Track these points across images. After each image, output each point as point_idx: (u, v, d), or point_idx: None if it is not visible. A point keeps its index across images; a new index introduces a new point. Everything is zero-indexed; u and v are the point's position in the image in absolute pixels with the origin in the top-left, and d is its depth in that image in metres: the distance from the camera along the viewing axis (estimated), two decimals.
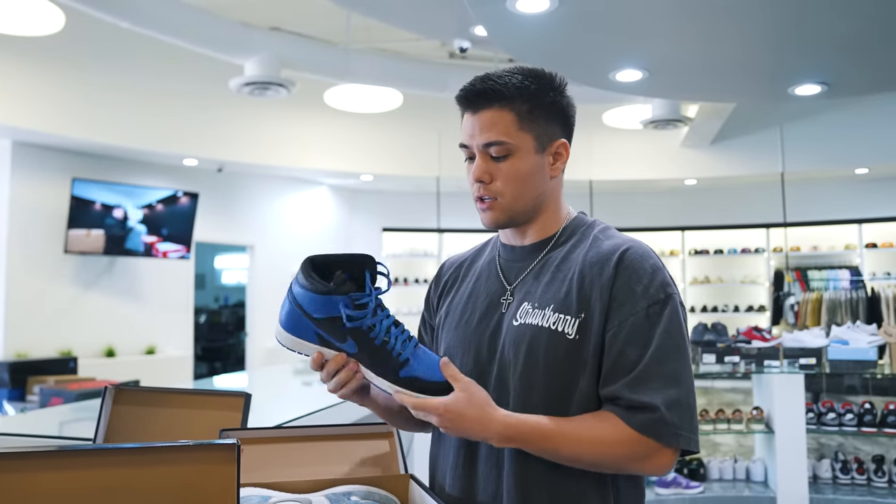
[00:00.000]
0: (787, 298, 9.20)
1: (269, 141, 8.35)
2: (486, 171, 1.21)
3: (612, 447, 1.12)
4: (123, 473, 1.00)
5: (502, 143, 1.19)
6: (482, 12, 3.73)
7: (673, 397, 1.11)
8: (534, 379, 1.18)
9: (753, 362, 4.30)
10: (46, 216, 7.04)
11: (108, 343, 7.49)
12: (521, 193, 1.22)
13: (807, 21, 3.85)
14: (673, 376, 1.12)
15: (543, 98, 1.22)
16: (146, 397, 1.71)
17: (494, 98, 1.20)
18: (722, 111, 7.64)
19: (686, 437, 1.12)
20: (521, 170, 1.21)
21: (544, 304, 1.20)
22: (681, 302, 1.18)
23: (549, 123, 1.24)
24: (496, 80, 1.20)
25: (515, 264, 1.29)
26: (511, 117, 1.20)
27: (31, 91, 6.53)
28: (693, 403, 1.14)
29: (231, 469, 1.02)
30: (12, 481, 0.96)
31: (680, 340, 1.15)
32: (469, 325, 1.28)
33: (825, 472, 4.30)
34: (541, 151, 1.23)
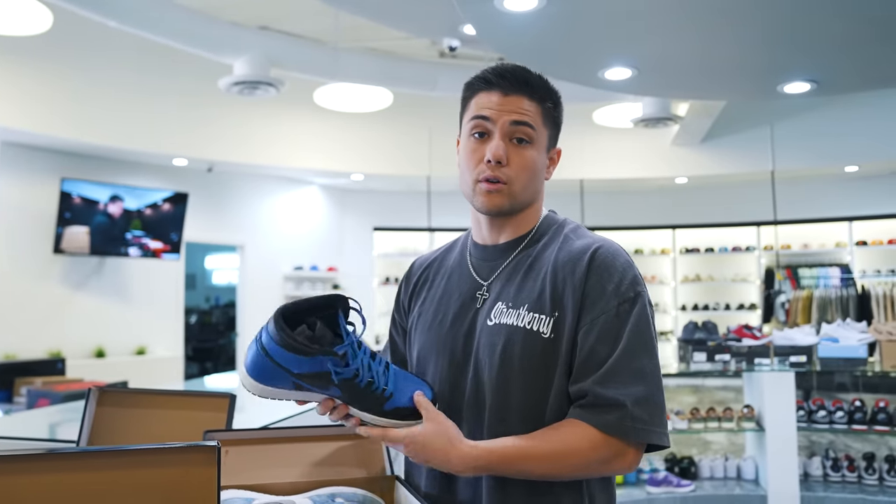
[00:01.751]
0: (777, 296, 9.23)
1: (259, 140, 8.32)
2: (506, 154, 1.20)
3: (582, 455, 1.11)
4: (105, 476, 0.99)
5: (532, 127, 1.21)
6: (470, 11, 3.72)
7: (641, 394, 1.12)
8: (510, 378, 1.17)
9: (744, 360, 4.31)
10: (35, 216, 6.99)
11: (97, 344, 7.45)
12: (528, 183, 1.23)
13: (796, 19, 3.86)
14: (641, 373, 1.13)
15: (559, 105, 1.29)
16: (131, 399, 1.69)
17: (530, 87, 1.22)
18: (712, 109, 7.66)
19: (655, 431, 1.12)
20: (536, 161, 1.23)
21: (519, 304, 1.20)
22: (648, 300, 1.20)
23: (556, 129, 1.29)
24: (532, 75, 1.24)
25: (488, 263, 1.29)
26: (539, 110, 1.23)
27: (19, 91, 6.48)
28: (661, 400, 1.14)
29: (211, 471, 1.01)
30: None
31: (648, 338, 1.16)
32: (442, 327, 1.27)
33: (816, 470, 4.31)
34: (547, 151, 1.28)
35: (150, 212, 7.76)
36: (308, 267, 9.61)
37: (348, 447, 1.48)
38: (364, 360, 1.11)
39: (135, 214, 7.66)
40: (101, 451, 1.01)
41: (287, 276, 9.46)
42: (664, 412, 1.14)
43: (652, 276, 10.37)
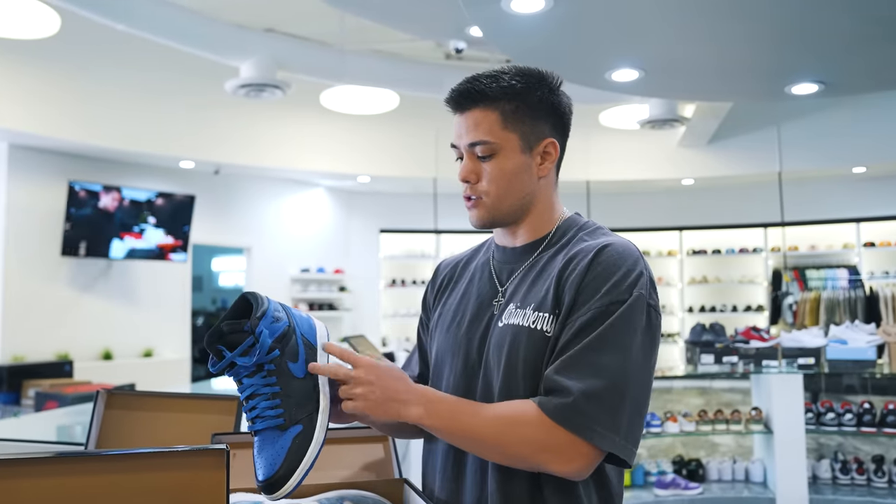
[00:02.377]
0: (785, 298, 9.19)
1: (266, 142, 8.34)
2: (473, 171, 1.21)
3: (520, 429, 1.07)
4: (114, 479, 0.99)
5: (486, 143, 1.19)
6: (477, 13, 3.72)
7: (594, 388, 1.05)
8: (515, 378, 1.16)
9: (752, 362, 4.30)
10: (43, 219, 7.02)
11: (104, 346, 7.47)
12: (505, 193, 1.21)
13: (804, 19, 3.84)
14: (602, 369, 1.06)
15: (530, 97, 1.21)
16: (139, 401, 1.69)
17: (479, 98, 1.19)
18: (719, 111, 7.64)
19: (603, 434, 1.04)
20: (506, 169, 1.20)
21: (526, 304, 1.19)
22: (652, 306, 1.14)
23: (537, 122, 1.22)
24: (482, 80, 1.20)
25: (507, 266, 1.28)
26: (495, 116, 1.19)
27: (27, 94, 6.51)
28: (617, 403, 1.06)
29: (220, 475, 1.01)
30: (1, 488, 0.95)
31: (628, 335, 1.09)
32: (459, 328, 1.27)
33: (825, 473, 4.29)
34: (527, 151, 1.21)
35: (156, 214, 7.77)
36: (314, 269, 9.62)
37: (357, 450, 1.47)
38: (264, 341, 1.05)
39: (142, 217, 7.66)
40: (110, 454, 1.01)
41: (294, 278, 9.48)
42: (622, 417, 1.06)
43: (659, 278, 10.34)
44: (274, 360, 1.06)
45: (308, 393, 1.08)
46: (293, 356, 1.09)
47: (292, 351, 1.09)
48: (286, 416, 1.05)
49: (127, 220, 7.55)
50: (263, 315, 1.07)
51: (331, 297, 9.80)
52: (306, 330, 1.14)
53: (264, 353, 1.05)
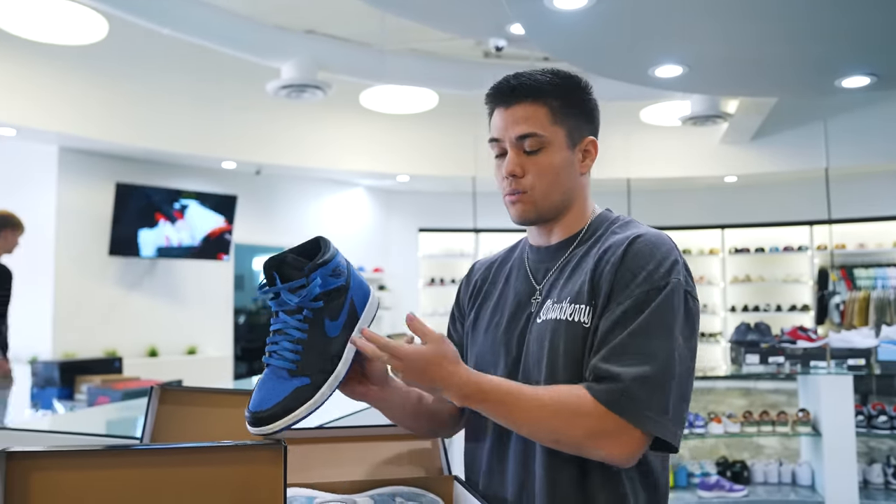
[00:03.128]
0: (831, 297, 8.98)
1: (306, 143, 8.43)
2: (519, 165, 1.22)
3: (571, 415, 1.07)
4: (173, 473, 1.01)
5: (537, 136, 1.20)
6: (519, 10, 3.71)
7: (645, 373, 1.06)
8: (558, 371, 1.16)
9: (799, 363, 4.22)
10: (92, 219, 7.20)
11: (150, 343, 7.63)
12: (552, 188, 1.22)
13: (854, 10, 3.75)
14: (651, 354, 1.07)
15: (573, 95, 1.23)
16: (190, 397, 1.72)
17: (528, 93, 1.21)
18: (763, 106, 7.49)
19: (654, 420, 1.05)
20: (555, 163, 1.21)
21: (563, 298, 1.20)
22: (689, 292, 1.15)
23: (579, 120, 1.24)
24: (528, 76, 1.22)
25: (542, 264, 1.29)
26: (545, 111, 1.20)
27: (76, 98, 6.68)
28: (669, 387, 1.07)
29: (278, 470, 1.03)
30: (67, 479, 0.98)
31: (671, 321, 1.10)
32: (499, 329, 1.29)
33: (877, 478, 4.19)
34: (572, 147, 1.23)
35: (200, 214, 7.91)
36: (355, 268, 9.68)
37: (406, 446, 1.49)
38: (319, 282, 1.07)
39: (186, 217, 7.81)
40: (170, 448, 1.04)
41: None
42: (674, 404, 1.07)
43: (700, 277, 10.19)
44: (315, 309, 1.07)
45: (330, 353, 1.09)
46: (334, 314, 1.10)
47: (336, 309, 1.10)
48: (300, 364, 1.06)
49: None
50: (324, 264, 1.09)
51: None
52: (359, 297, 1.16)
53: (309, 299, 1.06)
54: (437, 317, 10.21)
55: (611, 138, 9.22)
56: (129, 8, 4.94)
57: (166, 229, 7.71)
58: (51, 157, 7.06)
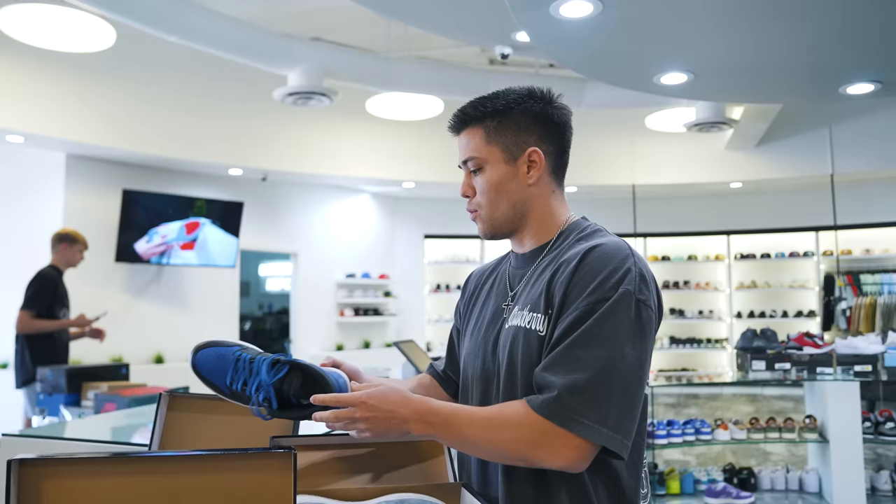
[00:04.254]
0: (838, 303, 8.96)
1: (313, 150, 8.46)
2: (469, 186, 1.36)
3: (512, 428, 1.12)
4: (184, 480, 1.02)
5: (473, 158, 1.32)
6: (525, 18, 3.72)
7: (578, 382, 1.09)
8: (516, 375, 1.25)
9: (805, 369, 4.21)
10: (98, 226, 7.22)
11: (156, 350, 7.64)
12: (495, 203, 1.31)
13: (859, 17, 3.75)
14: (585, 363, 1.10)
15: (511, 112, 1.30)
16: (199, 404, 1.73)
17: (467, 120, 1.34)
18: (768, 112, 7.50)
19: (589, 426, 1.08)
20: (492, 180, 1.31)
21: (524, 306, 1.27)
22: (642, 301, 1.16)
23: (520, 133, 1.30)
24: (469, 106, 1.34)
25: (518, 271, 1.37)
26: (481, 133, 1.31)
27: (83, 105, 6.72)
28: (602, 394, 1.09)
29: (287, 477, 1.03)
30: (79, 486, 0.99)
31: (611, 332, 1.12)
32: (479, 333, 1.38)
33: (884, 485, 4.17)
34: (511, 161, 1.30)
35: (206, 221, 7.93)
36: (360, 274, 9.71)
37: (413, 454, 1.49)
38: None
39: (192, 223, 7.84)
40: (180, 455, 1.04)
41: (339, 284, 9.58)
42: (608, 410, 1.09)
43: (706, 283, 10.18)
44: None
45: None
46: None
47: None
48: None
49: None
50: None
51: (376, 302, 9.87)
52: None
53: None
54: (442, 323, 10.22)
55: (616, 145, 9.23)
56: (136, 16, 4.97)
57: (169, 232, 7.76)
58: (58, 164, 7.10)
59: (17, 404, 5.55)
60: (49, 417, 3.68)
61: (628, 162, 9.15)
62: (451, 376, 1.54)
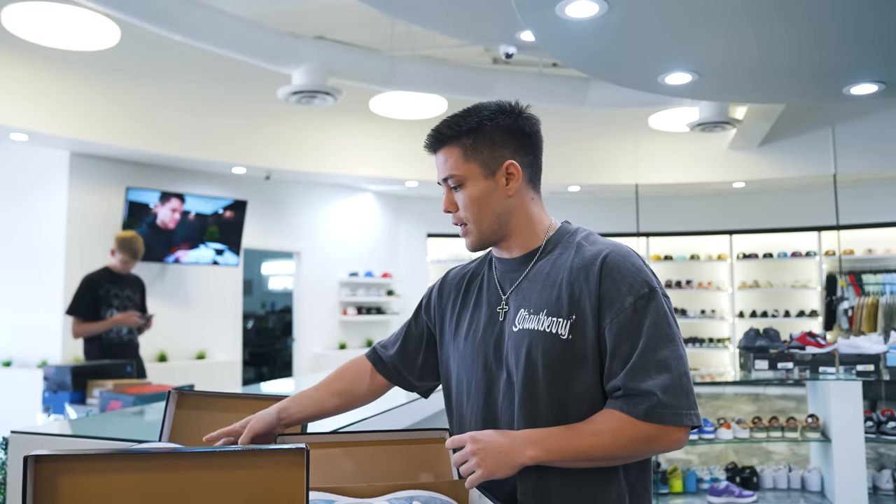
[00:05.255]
0: (840, 303, 8.96)
1: (316, 148, 8.47)
2: (451, 202, 1.40)
3: (625, 437, 1.22)
4: (197, 476, 1.03)
5: (453, 176, 1.37)
6: (531, 18, 3.73)
7: (667, 382, 1.22)
8: (536, 377, 1.30)
9: (808, 368, 4.22)
10: (102, 223, 7.24)
11: (160, 348, 7.66)
12: (480, 216, 1.37)
13: (863, 18, 3.76)
14: (665, 363, 1.23)
15: (484, 128, 1.36)
16: (206, 401, 1.75)
17: (443, 140, 1.39)
18: (771, 112, 7.50)
19: (687, 414, 1.22)
20: (473, 195, 1.36)
21: (538, 310, 1.33)
22: (664, 293, 1.29)
23: (495, 148, 1.36)
24: (443, 125, 1.39)
25: (508, 274, 1.42)
26: (458, 151, 1.36)
27: (87, 104, 6.73)
28: (686, 383, 1.24)
29: (300, 473, 1.04)
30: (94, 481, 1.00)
31: (667, 329, 1.26)
32: (476, 336, 1.41)
33: (886, 484, 4.17)
34: (490, 176, 1.36)
35: (210, 219, 7.95)
36: (363, 273, 9.72)
37: (420, 450, 1.50)
38: None
39: (196, 221, 7.85)
40: (193, 451, 1.05)
41: (342, 282, 9.59)
42: (691, 393, 1.24)
43: (708, 282, 10.18)
44: None
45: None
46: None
47: None
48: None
49: (190, 235, 7.78)
50: None
51: (379, 300, 9.89)
52: None
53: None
54: None
55: (620, 144, 9.23)
56: (140, 14, 4.98)
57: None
58: (62, 162, 7.11)
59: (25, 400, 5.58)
60: (54, 415, 3.70)
61: (632, 161, 9.15)
62: (399, 368, 1.58)
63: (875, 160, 8.54)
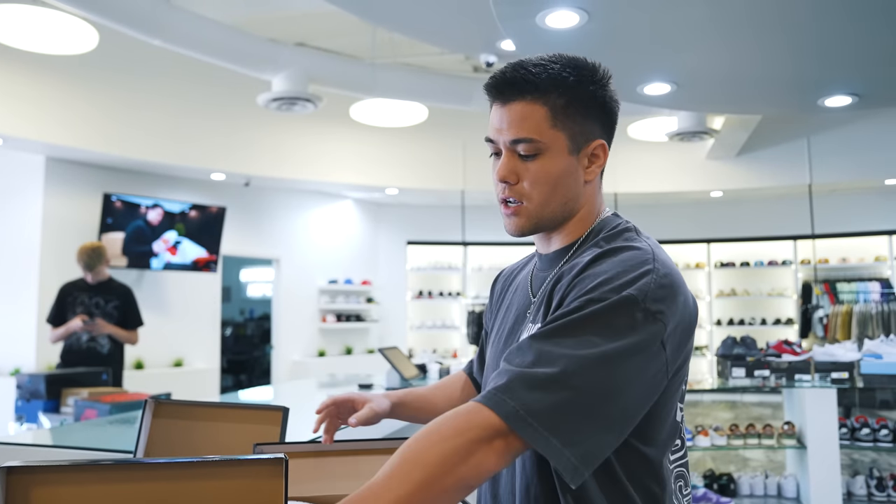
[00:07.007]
0: (815, 311, 9.08)
1: (296, 155, 8.44)
2: (513, 171, 1.08)
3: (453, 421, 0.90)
4: (174, 487, 1.02)
5: (532, 142, 1.06)
6: (511, 28, 3.75)
7: (526, 364, 0.91)
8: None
9: (784, 376, 4.26)
10: (78, 230, 7.16)
11: (137, 356, 7.57)
12: (549, 198, 1.09)
13: (837, 32, 3.83)
14: (548, 356, 0.90)
15: (582, 92, 1.07)
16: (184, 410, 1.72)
17: (527, 89, 1.06)
18: (748, 123, 7.60)
19: (506, 402, 0.87)
20: (552, 171, 1.08)
21: (536, 315, 1.11)
22: (651, 311, 0.94)
23: (587, 121, 1.08)
24: (530, 68, 1.06)
25: (541, 273, 1.18)
26: (544, 112, 1.06)
27: (63, 108, 6.66)
28: (569, 400, 0.88)
29: (279, 483, 1.03)
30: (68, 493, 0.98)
31: (597, 332, 0.91)
32: (499, 343, 1.23)
33: (860, 489, 4.23)
34: (575, 152, 1.09)
35: (188, 226, 7.89)
36: (342, 280, 9.69)
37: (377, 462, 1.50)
38: None
39: (173, 228, 7.79)
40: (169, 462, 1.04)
41: (321, 290, 9.55)
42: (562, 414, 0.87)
43: None
44: None
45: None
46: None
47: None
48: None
49: (161, 233, 7.70)
50: None
51: (358, 308, 9.86)
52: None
53: None
54: (424, 329, 10.22)
55: None
56: (119, 19, 4.95)
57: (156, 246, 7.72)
58: (37, 166, 7.02)
59: None
60: (27, 424, 3.64)
61: (610, 170, 9.17)
62: (478, 381, 1.43)
63: (849, 170, 8.69)
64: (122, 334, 4.72)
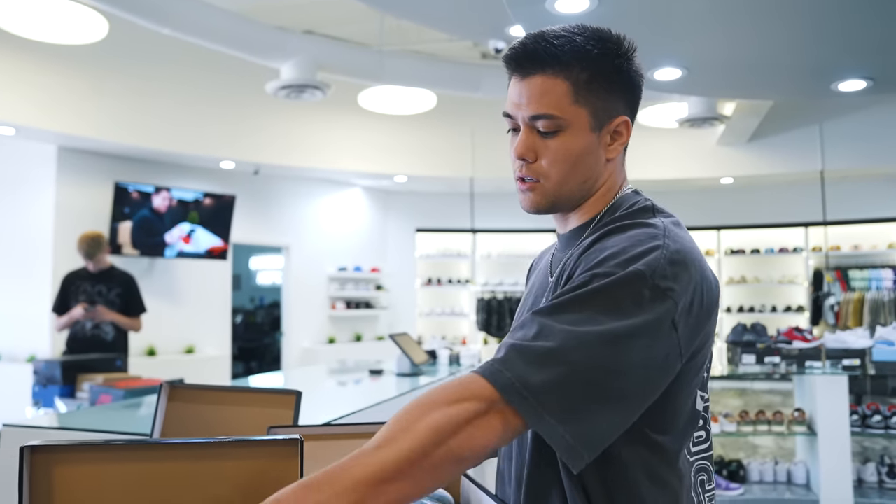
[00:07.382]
0: (826, 298, 9.04)
1: (305, 143, 8.45)
2: (532, 148, 1.03)
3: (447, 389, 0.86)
4: (192, 466, 1.04)
5: (553, 118, 1.01)
6: (521, 13, 3.74)
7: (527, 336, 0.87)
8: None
9: (794, 363, 4.25)
10: (90, 218, 7.20)
11: (149, 342, 7.63)
12: (568, 176, 1.04)
13: (852, 14, 3.79)
14: (549, 330, 0.87)
15: (606, 65, 1.01)
16: (199, 395, 1.74)
17: (548, 62, 1.00)
18: (760, 109, 7.54)
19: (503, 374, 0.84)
20: (573, 149, 1.02)
21: (551, 295, 1.04)
22: (661, 287, 0.89)
23: (610, 96, 1.03)
24: (552, 40, 1.00)
25: (559, 254, 1.14)
26: (565, 87, 1.00)
27: (75, 98, 6.69)
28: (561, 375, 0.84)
29: (294, 464, 1.05)
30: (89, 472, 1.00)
31: (600, 307, 0.88)
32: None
33: (871, 477, 4.23)
34: (597, 129, 1.03)
35: (199, 214, 7.92)
36: (352, 268, 9.72)
37: None
38: None
39: (184, 216, 7.82)
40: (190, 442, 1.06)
41: (331, 277, 9.58)
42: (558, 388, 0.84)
43: None
44: None
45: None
46: None
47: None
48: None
49: (173, 221, 7.74)
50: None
51: (367, 295, 9.89)
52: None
53: None
54: (433, 316, 10.24)
55: None
56: (129, 8, 4.96)
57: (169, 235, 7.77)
58: (49, 156, 7.06)
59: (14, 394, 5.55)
60: (44, 409, 3.69)
61: None
62: None
63: (862, 157, 8.61)
64: (125, 321, 4.73)
